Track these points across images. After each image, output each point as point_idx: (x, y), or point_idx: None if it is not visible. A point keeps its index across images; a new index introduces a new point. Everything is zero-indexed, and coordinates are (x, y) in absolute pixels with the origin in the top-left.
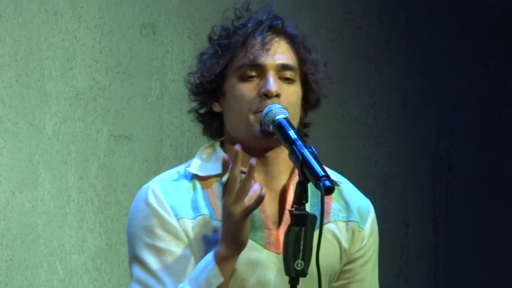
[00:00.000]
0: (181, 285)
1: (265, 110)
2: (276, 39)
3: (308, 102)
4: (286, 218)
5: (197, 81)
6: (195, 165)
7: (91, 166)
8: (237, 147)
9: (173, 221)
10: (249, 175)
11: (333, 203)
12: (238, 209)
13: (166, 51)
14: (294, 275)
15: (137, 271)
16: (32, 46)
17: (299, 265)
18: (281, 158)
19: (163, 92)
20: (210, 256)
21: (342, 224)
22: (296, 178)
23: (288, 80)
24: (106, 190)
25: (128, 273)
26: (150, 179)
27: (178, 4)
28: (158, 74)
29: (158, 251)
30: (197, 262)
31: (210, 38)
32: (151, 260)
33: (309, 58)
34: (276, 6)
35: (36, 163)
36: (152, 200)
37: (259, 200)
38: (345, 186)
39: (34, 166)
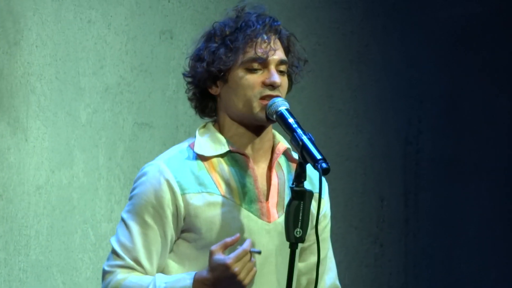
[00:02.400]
0: (158, 282)
1: (270, 102)
2: (275, 38)
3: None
4: (272, 192)
5: (205, 68)
6: (198, 147)
7: (118, 149)
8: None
9: (174, 201)
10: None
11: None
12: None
13: (182, 53)
14: (293, 241)
15: (122, 232)
16: (69, 48)
17: (298, 232)
18: (267, 137)
19: (179, 87)
20: (188, 284)
21: None
22: (278, 159)
23: (282, 73)
24: (130, 169)
25: None
26: None
27: (192, 14)
28: (174, 72)
29: (145, 226)
30: (201, 230)
31: (214, 33)
32: (135, 231)
33: (295, 54)
34: (272, 15)
35: (72, 146)
36: (159, 180)
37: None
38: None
39: (70, 149)
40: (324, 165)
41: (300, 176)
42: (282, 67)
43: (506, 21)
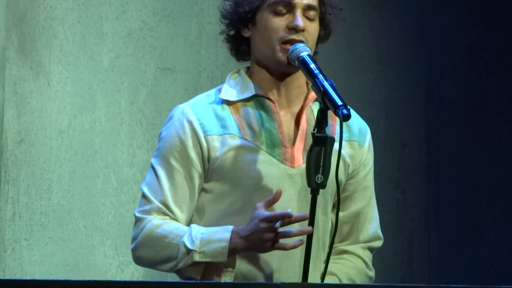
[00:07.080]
0: (193, 232)
1: (292, 48)
2: None
3: (321, 36)
4: (300, 137)
5: (233, 9)
6: (225, 92)
7: (140, 93)
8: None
9: (197, 142)
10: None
11: (337, 125)
12: (262, 213)
13: None
14: (315, 187)
15: (150, 176)
16: None
17: (319, 178)
18: (296, 84)
19: (201, 32)
20: (227, 236)
21: (345, 143)
22: (309, 104)
23: (311, 19)
24: (152, 113)
25: None
26: None
27: None
28: (197, 18)
29: (171, 170)
30: (223, 171)
31: None
32: (162, 174)
33: (328, 2)
34: None
35: (94, 91)
36: (182, 123)
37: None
38: None
39: (92, 93)
40: (344, 111)
41: (321, 122)
42: (311, 13)
43: None
